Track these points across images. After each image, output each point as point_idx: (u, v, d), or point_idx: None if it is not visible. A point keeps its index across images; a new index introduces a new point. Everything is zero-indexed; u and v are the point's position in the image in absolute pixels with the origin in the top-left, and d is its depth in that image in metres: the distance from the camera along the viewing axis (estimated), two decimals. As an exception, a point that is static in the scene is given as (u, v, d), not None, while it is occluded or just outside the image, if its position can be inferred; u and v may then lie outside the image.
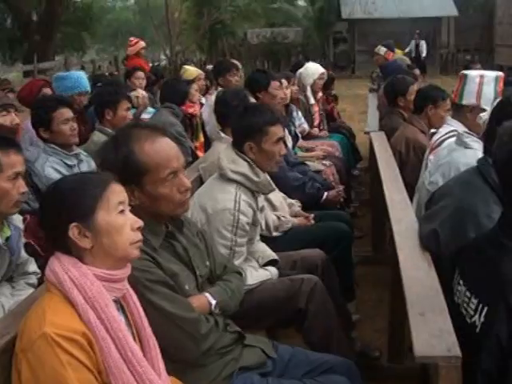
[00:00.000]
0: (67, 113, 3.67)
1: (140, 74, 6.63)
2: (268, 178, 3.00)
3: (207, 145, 5.42)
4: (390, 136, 4.89)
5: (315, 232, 3.63)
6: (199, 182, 3.58)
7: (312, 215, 3.79)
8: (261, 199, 3.06)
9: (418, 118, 4.56)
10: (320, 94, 7.02)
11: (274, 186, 3.08)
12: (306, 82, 6.70)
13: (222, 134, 3.78)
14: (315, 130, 6.69)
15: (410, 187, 3.65)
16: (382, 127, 5.65)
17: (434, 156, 3.58)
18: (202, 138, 5.81)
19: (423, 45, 20.47)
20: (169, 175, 2.03)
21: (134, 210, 1.83)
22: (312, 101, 6.72)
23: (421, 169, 3.82)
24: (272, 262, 3.03)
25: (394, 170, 3.87)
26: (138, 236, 1.73)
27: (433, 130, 4.05)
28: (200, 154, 5.62)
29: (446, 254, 2.22)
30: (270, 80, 4.77)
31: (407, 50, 19.85)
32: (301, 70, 6.80)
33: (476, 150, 2.86)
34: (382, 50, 8.45)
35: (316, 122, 6.86)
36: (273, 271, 2.96)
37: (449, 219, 2.28)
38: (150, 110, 5.85)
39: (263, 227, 3.29)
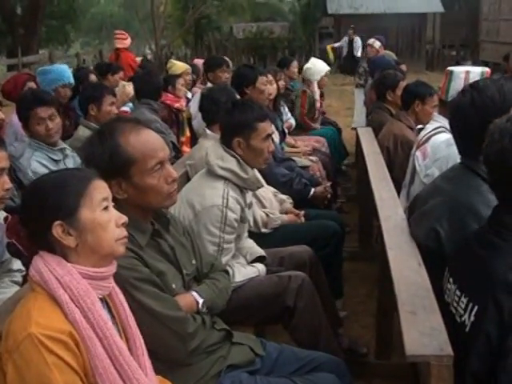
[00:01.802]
0: (43, 112, 3.62)
1: (121, 73, 6.58)
2: (257, 174, 2.98)
3: (194, 140, 5.38)
4: (377, 132, 4.89)
5: (305, 230, 3.62)
6: (186, 178, 3.55)
7: (303, 212, 3.78)
8: (249, 195, 3.04)
9: (406, 114, 4.56)
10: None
11: (263, 182, 3.06)
12: (313, 78, 6.77)
13: (208, 131, 3.75)
14: (316, 125, 6.78)
15: (398, 184, 3.65)
16: (369, 123, 5.64)
17: (421, 152, 3.58)
18: (188, 133, 5.78)
19: (358, 41, 17.99)
20: (156, 165, 2.03)
21: (121, 206, 1.82)
22: (317, 96, 6.77)
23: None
24: (260, 259, 3.02)
25: (382, 166, 3.86)
26: (123, 232, 1.72)
27: (420, 126, 4.05)
28: (186, 149, 5.60)
29: (447, 249, 2.20)
30: (258, 75, 4.74)
31: (337, 44, 19.06)
32: (308, 66, 6.87)
33: None
34: (376, 43, 8.48)
35: (316, 116, 6.91)
36: (260, 268, 2.94)
37: (446, 215, 2.26)
38: (130, 105, 5.81)
39: (251, 224, 3.27)
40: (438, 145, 3.35)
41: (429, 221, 2.35)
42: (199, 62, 7.78)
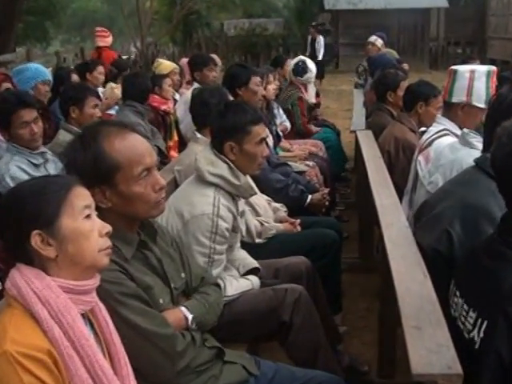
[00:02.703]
0: (27, 115, 3.59)
1: (101, 68, 6.58)
2: (250, 180, 2.98)
3: (182, 144, 5.39)
4: (377, 135, 4.90)
5: (302, 240, 3.62)
6: (174, 185, 3.54)
7: (298, 221, 3.78)
8: (241, 203, 3.04)
9: (408, 116, 4.58)
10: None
11: (256, 189, 3.06)
12: (310, 81, 6.78)
13: (199, 135, 3.75)
14: (312, 127, 6.82)
15: (400, 190, 3.65)
16: (368, 125, 5.66)
17: (424, 157, 3.58)
18: (175, 137, 5.78)
19: (320, 41, 17.51)
20: (142, 172, 2.02)
21: (105, 216, 1.81)
22: (314, 100, 6.80)
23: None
24: (253, 271, 3.01)
25: (383, 172, 3.87)
26: (107, 242, 1.71)
27: (423, 129, 4.06)
28: (174, 153, 5.60)
29: (460, 255, 2.20)
30: (251, 75, 4.75)
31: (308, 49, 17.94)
32: (310, 68, 6.84)
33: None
34: (379, 41, 8.50)
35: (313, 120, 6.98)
36: (254, 281, 2.93)
37: (458, 217, 2.27)
38: (115, 107, 5.82)
39: (244, 233, 3.27)
40: (441, 149, 3.36)
41: (440, 223, 2.36)
42: (184, 61, 7.80)
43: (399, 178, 4.05)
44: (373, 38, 8.67)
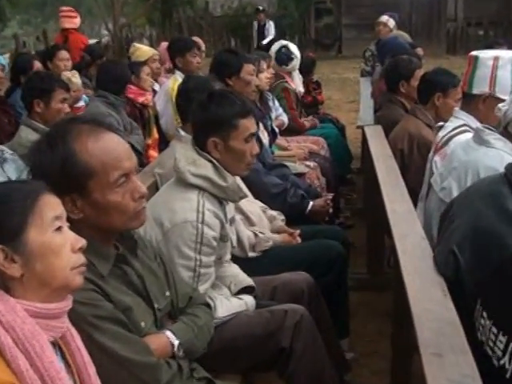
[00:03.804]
0: None
1: (64, 53, 6.58)
2: (239, 181, 2.99)
3: (163, 142, 5.39)
4: (388, 130, 4.92)
5: (302, 253, 3.63)
6: (155, 191, 3.54)
7: (298, 231, 3.79)
8: (230, 209, 3.04)
9: (423, 109, 4.59)
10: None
11: (247, 191, 3.06)
12: (295, 68, 6.80)
13: (183, 132, 3.75)
14: (307, 121, 6.81)
15: (415, 194, 3.67)
16: (378, 120, 5.67)
17: (441, 157, 3.60)
18: (155, 134, 5.79)
19: (270, 27, 16.92)
20: (119, 178, 2.02)
21: (76, 227, 1.81)
22: (301, 88, 6.79)
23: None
24: (247, 290, 3.02)
25: (395, 173, 3.88)
26: (81, 259, 1.72)
27: (440, 124, 4.08)
28: (153, 153, 5.61)
29: (467, 281, 2.21)
30: (243, 63, 4.76)
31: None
32: (296, 56, 6.86)
33: (500, 150, 2.88)
34: (391, 22, 8.52)
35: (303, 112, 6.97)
36: (248, 301, 2.94)
37: (467, 239, 2.26)
38: (85, 98, 5.82)
39: (234, 244, 3.27)
40: (454, 149, 3.37)
41: (449, 244, 2.36)
42: (164, 46, 7.81)
43: (414, 180, 4.06)
44: (384, 18, 8.68)
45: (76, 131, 2.02)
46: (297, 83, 7.01)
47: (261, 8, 17.80)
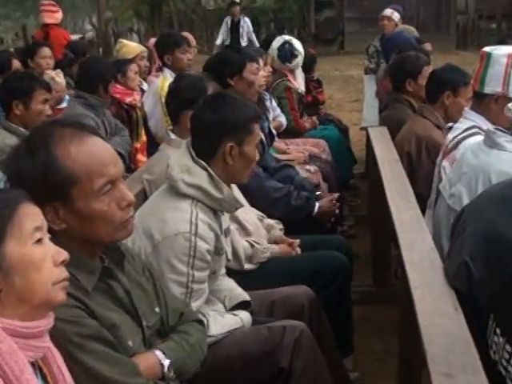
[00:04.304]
0: None
1: (47, 51, 6.58)
2: (236, 191, 2.99)
3: (153, 146, 5.38)
4: (394, 132, 4.92)
5: (302, 264, 3.63)
6: (143, 199, 3.54)
7: (298, 241, 3.79)
8: (225, 219, 3.04)
9: (432, 109, 4.61)
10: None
11: (243, 201, 3.07)
12: (299, 65, 6.81)
13: (173, 136, 3.75)
14: (306, 122, 6.82)
15: (423, 201, 3.67)
16: (383, 120, 5.68)
17: (450, 161, 3.60)
18: (144, 137, 5.79)
19: (246, 24, 15.85)
20: (105, 186, 2.02)
21: (58, 239, 1.82)
22: (303, 87, 6.80)
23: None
24: (243, 305, 3.02)
25: (402, 178, 3.88)
26: (63, 273, 1.72)
27: (450, 124, 4.09)
28: (141, 158, 5.61)
29: (480, 295, 2.21)
30: (246, 61, 4.75)
31: (221, 35, 16.22)
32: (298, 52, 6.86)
33: None
34: (395, 15, 8.54)
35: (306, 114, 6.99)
36: (244, 317, 2.94)
37: (480, 248, 2.27)
38: (68, 99, 5.84)
39: (230, 257, 3.27)
40: (464, 153, 3.37)
41: (460, 255, 2.36)
42: (153, 42, 7.83)
43: (422, 186, 4.07)
44: (388, 12, 8.72)
45: (58, 135, 2.02)
46: (299, 82, 7.03)
47: (236, 0, 16.61)
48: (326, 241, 4.04)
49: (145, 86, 6.57)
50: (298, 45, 6.90)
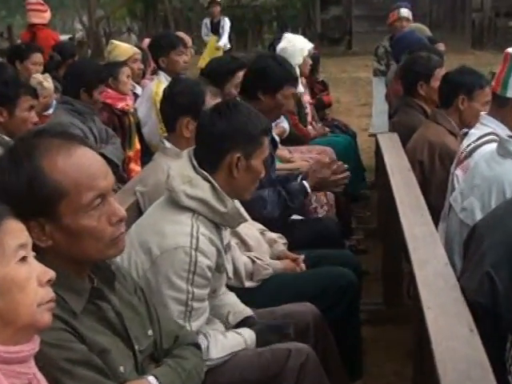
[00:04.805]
0: None
1: (39, 57, 6.60)
2: (238, 204, 2.99)
3: (147, 155, 5.39)
4: (405, 139, 4.93)
5: (307, 281, 3.62)
6: (136, 212, 3.54)
7: (302, 256, 3.78)
8: (226, 234, 3.04)
9: (445, 114, 4.61)
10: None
11: (246, 215, 3.06)
12: (294, 62, 6.76)
13: (168, 144, 3.75)
14: (311, 129, 6.77)
15: (437, 213, 3.67)
16: (393, 126, 5.69)
17: (463, 170, 3.60)
18: (137, 145, 5.79)
19: (226, 25, 15.18)
20: (94, 200, 2.02)
21: (43, 257, 1.82)
22: (302, 88, 6.78)
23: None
24: (246, 321, 3.02)
25: (414, 189, 3.88)
26: (49, 293, 1.72)
27: (465, 131, 4.09)
28: (135, 167, 5.61)
29: (505, 307, 2.21)
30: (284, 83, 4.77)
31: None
32: (284, 45, 6.86)
33: None
34: (405, 11, 8.52)
35: (309, 118, 6.93)
36: (248, 336, 2.93)
37: (504, 258, 2.27)
38: (55, 104, 5.86)
39: (230, 274, 3.27)
40: (477, 163, 3.36)
41: (482, 267, 2.36)
42: (146, 43, 7.84)
43: (436, 197, 4.07)
44: (406, 12, 8.66)
45: (44, 146, 2.02)
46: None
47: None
48: (333, 256, 4.03)
49: (138, 90, 6.57)
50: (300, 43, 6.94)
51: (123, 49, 6.87)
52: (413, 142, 4.71)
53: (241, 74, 4.88)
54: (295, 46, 6.82)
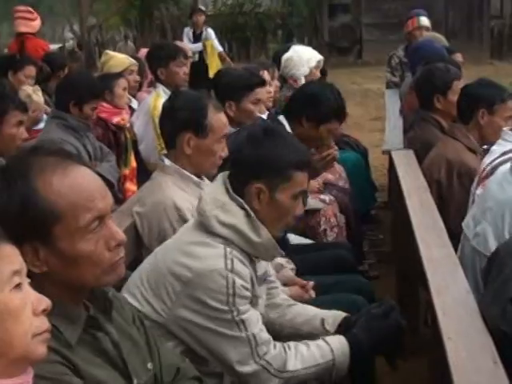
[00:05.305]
0: None
1: (32, 70, 6.62)
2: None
3: (144, 173, 5.39)
4: (421, 156, 4.93)
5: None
6: (133, 234, 3.54)
7: (311, 283, 3.77)
8: (262, 264, 3.03)
9: (464, 129, 4.61)
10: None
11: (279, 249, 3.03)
12: (299, 73, 6.79)
13: (167, 162, 3.75)
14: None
15: (456, 236, 3.66)
16: (408, 142, 5.69)
17: (485, 189, 3.59)
18: (133, 163, 5.79)
19: (211, 36, 14.55)
20: (92, 223, 2.02)
21: (38, 283, 1.81)
22: None
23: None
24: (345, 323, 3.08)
25: (432, 210, 3.89)
26: (44, 323, 1.71)
27: (485, 147, 4.09)
28: (131, 186, 5.61)
29: None
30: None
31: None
32: (289, 55, 6.87)
33: None
34: (425, 20, 8.52)
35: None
36: (337, 345, 2.91)
37: None
38: (46, 118, 5.88)
39: (262, 310, 3.23)
40: (490, 184, 3.36)
41: (504, 294, 2.36)
42: (144, 53, 7.84)
43: (454, 218, 4.06)
44: (426, 21, 8.66)
45: (39, 165, 2.02)
46: None
47: (201, 8, 15.60)
48: (344, 282, 4.02)
49: (134, 103, 6.58)
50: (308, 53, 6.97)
51: (118, 59, 6.89)
52: (429, 159, 4.71)
53: (259, 90, 4.91)
54: (301, 56, 6.85)
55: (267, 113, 5.50)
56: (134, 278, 2.92)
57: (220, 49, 14.49)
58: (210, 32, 14.72)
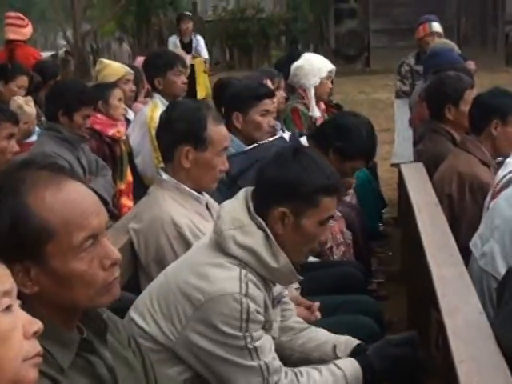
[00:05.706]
0: None
1: (25, 81, 6.64)
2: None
3: (141, 188, 5.39)
4: (432, 170, 4.93)
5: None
6: (130, 252, 3.55)
7: (317, 304, 3.76)
8: (276, 288, 3.04)
9: (477, 141, 4.61)
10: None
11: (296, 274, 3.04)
12: (309, 83, 6.79)
13: (165, 176, 3.75)
14: None
15: (469, 253, 3.66)
16: (418, 155, 5.69)
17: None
18: (129, 177, 5.79)
19: (199, 44, 14.30)
20: (85, 241, 2.01)
21: (29, 304, 1.82)
22: (317, 113, 6.79)
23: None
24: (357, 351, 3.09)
25: (442, 225, 3.89)
26: (36, 347, 1.71)
27: (499, 160, 4.09)
28: (126, 202, 5.61)
29: None
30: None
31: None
32: (300, 63, 6.88)
33: None
34: (437, 26, 8.52)
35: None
36: (350, 370, 2.94)
37: None
38: (38, 130, 5.88)
39: (276, 334, 3.23)
40: (498, 201, 3.36)
41: None
42: (140, 61, 7.85)
43: (466, 235, 4.05)
44: (438, 27, 8.67)
45: (31, 179, 2.02)
46: (312, 105, 7.03)
47: (187, 13, 15.01)
48: (352, 303, 4.02)
49: (130, 114, 6.58)
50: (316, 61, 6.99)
51: (114, 68, 6.89)
52: (440, 173, 4.71)
53: (267, 101, 4.93)
54: (312, 65, 6.85)
55: (289, 133, 5.52)
56: (144, 298, 2.93)
57: (206, 57, 14.17)
58: (199, 39, 14.41)
